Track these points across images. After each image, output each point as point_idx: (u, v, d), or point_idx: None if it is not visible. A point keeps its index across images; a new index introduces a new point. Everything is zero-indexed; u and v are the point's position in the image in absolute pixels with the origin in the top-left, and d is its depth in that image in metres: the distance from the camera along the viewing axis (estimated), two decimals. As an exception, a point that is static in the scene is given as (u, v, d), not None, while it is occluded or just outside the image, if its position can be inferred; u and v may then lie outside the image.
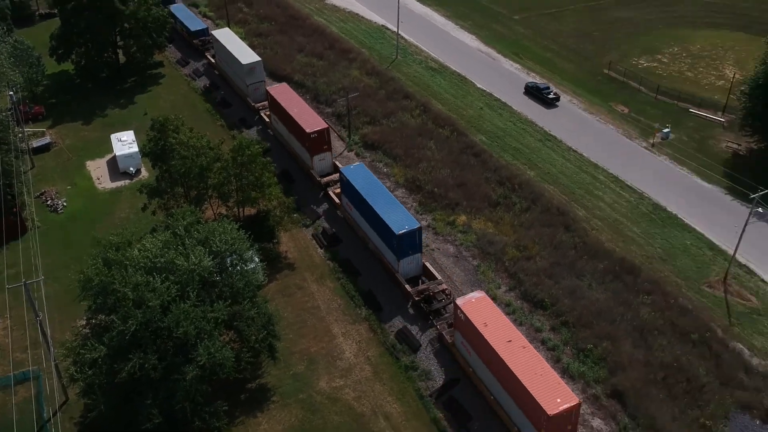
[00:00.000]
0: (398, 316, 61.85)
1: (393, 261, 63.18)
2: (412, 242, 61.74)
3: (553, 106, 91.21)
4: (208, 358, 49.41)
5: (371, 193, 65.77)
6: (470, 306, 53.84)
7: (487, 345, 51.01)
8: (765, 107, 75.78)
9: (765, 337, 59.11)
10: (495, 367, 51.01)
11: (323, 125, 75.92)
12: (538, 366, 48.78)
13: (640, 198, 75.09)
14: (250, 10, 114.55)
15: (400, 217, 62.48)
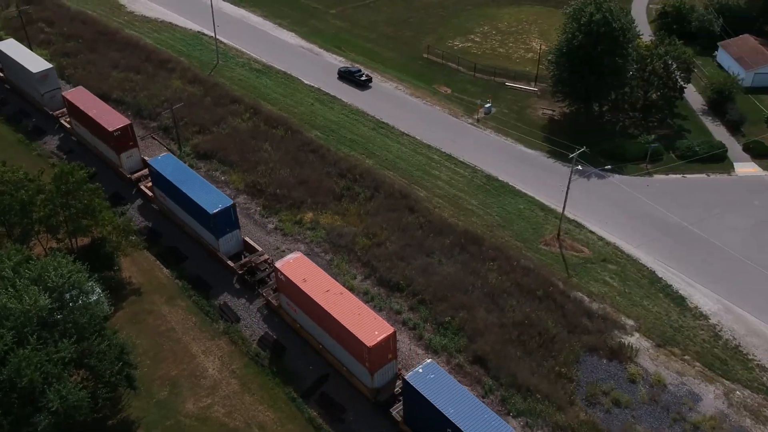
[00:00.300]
0: (224, 293, 63.51)
1: (212, 241, 64.85)
2: (227, 220, 64.02)
3: (366, 87, 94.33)
4: (61, 402, 45.98)
5: (181, 179, 66.73)
6: (289, 266, 57.11)
7: (307, 298, 54.72)
8: (571, 73, 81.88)
9: (600, 283, 64.24)
10: (317, 317, 54.90)
11: (126, 121, 75.89)
12: (354, 307, 53.35)
13: (474, 172, 78.75)
14: (53, 30, 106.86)
15: (213, 197, 64.39)
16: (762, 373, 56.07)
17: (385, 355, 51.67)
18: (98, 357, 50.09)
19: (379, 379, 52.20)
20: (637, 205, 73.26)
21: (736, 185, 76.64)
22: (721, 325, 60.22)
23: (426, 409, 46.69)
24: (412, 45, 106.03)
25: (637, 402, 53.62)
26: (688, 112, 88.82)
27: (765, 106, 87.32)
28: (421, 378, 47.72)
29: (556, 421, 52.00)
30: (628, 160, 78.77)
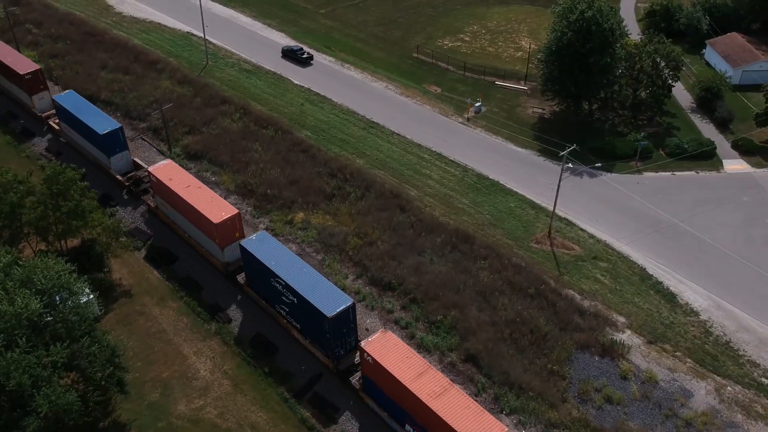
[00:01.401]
0: (216, 294, 64.09)
1: (105, 160, 75.21)
2: (117, 140, 74.56)
3: (308, 64, 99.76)
4: (50, 407, 45.65)
5: (79, 109, 76.95)
6: (160, 170, 67.80)
7: (172, 192, 65.45)
8: (560, 72, 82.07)
9: (591, 281, 64.41)
10: (180, 208, 65.87)
11: (36, 66, 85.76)
12: (208, 196, 64.64)
13: (465, 170, 78.81)
14: (41, 31, 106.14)
15: (104, 122, 75.06)
16: (753, 369, 56.36)
17: (233, 233, 62.19)
18: (88, 359, 49.78)
19: (228, 254, 62.80)
20: (627, 202, 73.55)
21: (725, 182, 77.03)
22: (712, 321, 60.49)
23: (259, 269, 57.60)
24: (402, 45, 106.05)
25: (629, 399, 53.76)
26: (676, 110, 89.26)
27: (753, 104, 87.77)
28: (254, 243, 58.60)
29: (548, 418, 52.09)
30: (618, 157, 79.08)
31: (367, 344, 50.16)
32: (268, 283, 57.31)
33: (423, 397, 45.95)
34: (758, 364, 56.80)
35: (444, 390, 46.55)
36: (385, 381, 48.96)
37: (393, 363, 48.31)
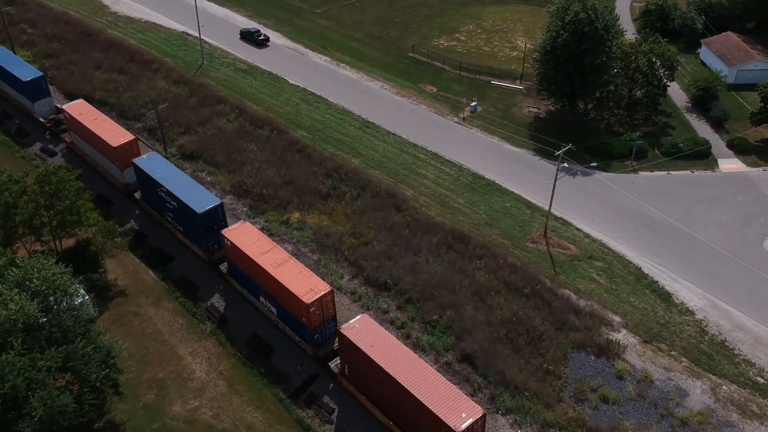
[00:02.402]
0: (211, 294, 62.52)
1: (30, 105, 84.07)
2: (39, 88, 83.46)
3: (264, 46, 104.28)
4: (45, 410, 45.52)
5: (4, 59, 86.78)
6: (72, 107, 77.59)
7: (80, 125, 75.26)
8: (555, 71, 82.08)
9: (586, 280, 64.44)
10: (88, 137, 75.25)
11: None
12: (106, 124, 74.79)
13: (460, 170, 78.78)
14: (36, 31, 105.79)
15: (28, 71, 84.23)
16: (748, 368, 56.44)
17: (130, 157, 70.95)
18: (83, 360, 49.62)
19: (128, 176, 72.38)
20: (623, 202, 73.61)
21: (721, 181, 77.14)
22: (707, 320, 60.57)
23: (149, 182, 67.48)
24: (398, 44, 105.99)
25: (625, 398, 53.81)
26: (672, 110, 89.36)
27: (748, 103, 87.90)
28: (145, 161, 69.00)
29: (544, 418, 52.10)
30: (614, 157, 79.15)
31: (227, 231, 60.70)
32: (156, 194, 67.32)
33: (267, 267, 56.38)
34: (753, 363, 56.88)
35: (283, 261, 57.18)
36: (241, 260, 59.40)
37: (246, 245, 58.76)
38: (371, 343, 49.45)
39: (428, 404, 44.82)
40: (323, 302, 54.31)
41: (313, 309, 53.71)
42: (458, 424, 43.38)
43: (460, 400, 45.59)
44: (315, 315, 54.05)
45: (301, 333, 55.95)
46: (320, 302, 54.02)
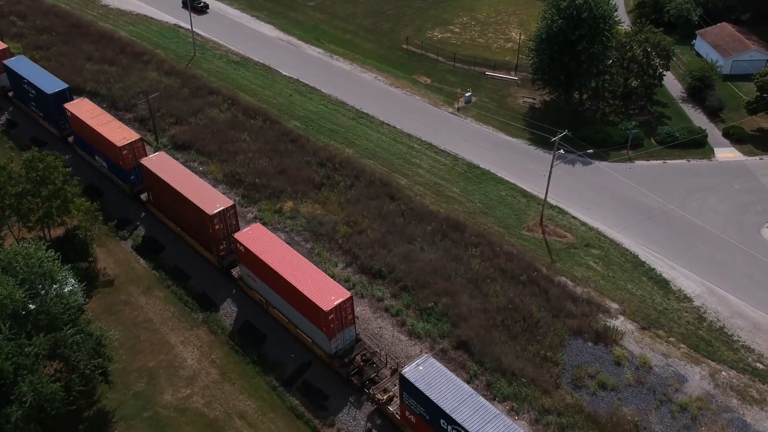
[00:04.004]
0: (204, 282, 62.18)
1: None
2: None
3: (203, 12, 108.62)
4: (34, 395, 44.52)
5: None
6: None
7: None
8: (551, 59, 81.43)
9: (583, 268, 63.72)
10: None
11: None
12: None
13: (455, 160, 78.04)
14: (26, 23, 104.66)
15: None
16: (747, 354, 55.78)
17: None
18: (73, 349, 48.66)
19: None
20: (619, 190, 73.00)
21: (717, 170, 76.61)
22: (705, 307, 59.91)
23: None
24: (391, 36, 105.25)
25: (623, 384, 53.06)
26: (667, 100, 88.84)
27: (744, 93, 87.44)
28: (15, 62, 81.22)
29: (542, 404, 51.32)
30: (609, 146, 78.48)
31: None
32: None
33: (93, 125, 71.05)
34: (752, 349, 56.22)
35: (122, 129, 71.06)
36: (83, 131, 72.47)
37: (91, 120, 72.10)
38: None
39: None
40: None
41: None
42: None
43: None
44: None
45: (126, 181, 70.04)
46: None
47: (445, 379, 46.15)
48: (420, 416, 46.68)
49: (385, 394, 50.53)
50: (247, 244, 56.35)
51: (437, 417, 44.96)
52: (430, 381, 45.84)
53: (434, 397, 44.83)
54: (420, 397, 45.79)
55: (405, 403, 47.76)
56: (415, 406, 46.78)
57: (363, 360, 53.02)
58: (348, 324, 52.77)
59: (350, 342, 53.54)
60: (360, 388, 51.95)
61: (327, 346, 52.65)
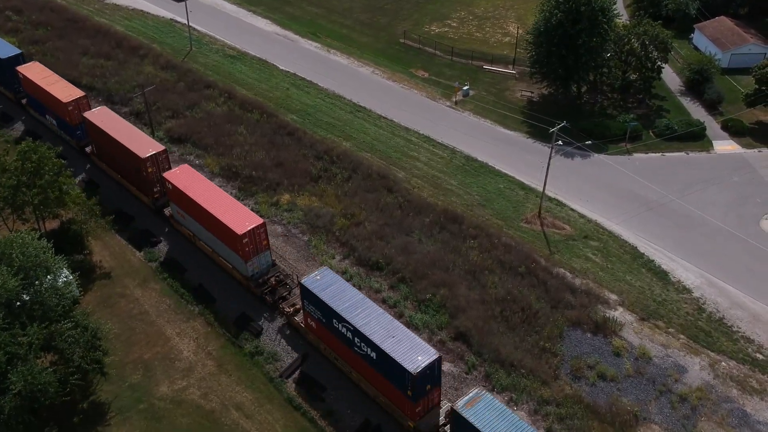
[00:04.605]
0: (200, 274, 62.44)
1: None
2: None
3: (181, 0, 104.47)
4: (25, 385, 44.07)
5: None
6: None
7: None
8: (549, 52, 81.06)
9: (582, 259, 63.39)
10: None
11: None
12: None
13: (453, 153, 77.67)
14: (21, 18, 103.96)
15: None
16: (747, 345, 55.48)
17: None
18: (68, 341, 48.22)
19: None
20: (617, 182, 72.70)
21: (716, 163, 76.32)
22: (705, 298, 59.61)
23: None
24: (388, 31, 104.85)
25: (623, 375, 52.72)
26: (665, 93, 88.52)
27: (742, 86, 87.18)
28: None
29: (541, 395, 50.96)
30: (608, 138, 78.12)
31: None
32: None
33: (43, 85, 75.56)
34: (752, 339, 55.93)
35: (69, 87, 75.57)
36: (35, 92, 76.81)
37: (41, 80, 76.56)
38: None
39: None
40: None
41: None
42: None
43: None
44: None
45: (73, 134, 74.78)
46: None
47: (338, 286, 51.22)
48: (318, 320, 51.95)
49: (292, 307, 55.77)
50: (174, 182, 61.65)
51: (330, 318, 50.08)
52: (326, 288, 50.85)
53: (327, 299, 49.84)
54: (317, 302, 50.90)
55: (306, 311, 53.05)
56: (314, 312, 52.07)
57: (276, 281, 58.24)
58: (262, 249, 57.79)
59: (266, 266, 58.53)
60: (272, 304, 57.15)
61: (244, 269, 57.49)
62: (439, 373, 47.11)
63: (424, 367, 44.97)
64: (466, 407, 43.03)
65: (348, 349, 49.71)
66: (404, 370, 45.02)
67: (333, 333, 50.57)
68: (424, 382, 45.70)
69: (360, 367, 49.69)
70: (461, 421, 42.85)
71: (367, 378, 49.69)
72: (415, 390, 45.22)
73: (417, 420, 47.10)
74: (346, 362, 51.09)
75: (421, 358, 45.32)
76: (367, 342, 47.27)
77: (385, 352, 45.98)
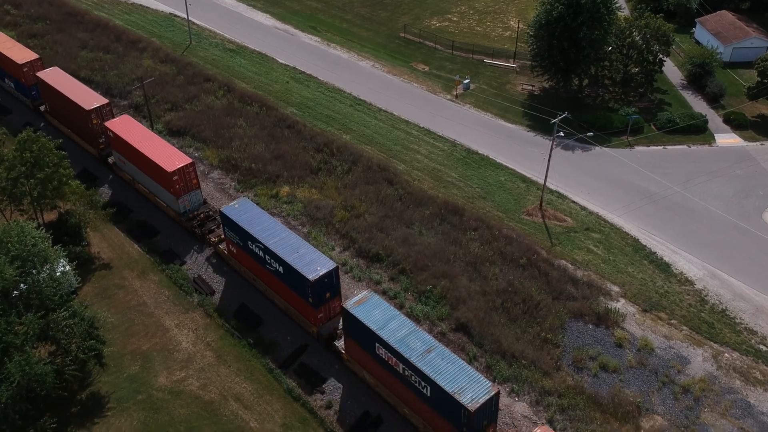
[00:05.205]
0: (198, 266, 62.44)
1: None
2: None
3: None
4: (22, 376, 43.65)
5: None
6: None
7: None
8: (550, 46, 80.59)
9: (583, 251, 62.95)
10: None
11: None
12: None
13: (453, 146, 77.23)
14: (20, 12, 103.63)
15: None
16: (750, 336, 55.04)
17: None
18: (65, 331, 47.81)
19: None
20: (619, 175, 72.27)
21: (718, 156, 75.86)
22: (707, 290, 59.18)
23: None
24: (389, 25, 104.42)
25: (625, 366, 52.30)
26: (667, 87, 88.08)
27: (744, 80, 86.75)
28: None
29: (542, 386, 50.54)
30: (609, 130, 77.66)
31: None
32: None
33: (2, 51, 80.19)
34: (755, 331, 55.48)
35: (24, 50, 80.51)
36: None
37: None
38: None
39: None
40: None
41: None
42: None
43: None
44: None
45: None
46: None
47: (254, 213, 56.67)
48: (237, 245, 57.22)
49: (217, 238, 61.09)
50: (114, 130, 67.04)
51: (246, 240, 55.45)
52: (242, 214, 56.13)
53: (243, 224, 55.12)
54: (235, 228, 56.13)
55: (227, 237, 58.26)
56: (233, 237, 57.31)
57: (204, 216, 63.64)
58: (193, 188, 63.34)
59: (197, 204, 64.29)
60: (201, 236, 62.61)
61: (176, 206, 63.09)
62: (337, 283, 52.38)
63: (322, 276, 50.45)
64: (354, 305, 48.11)
65: (261, 267, 55.37)
66: (305, 279, 50.27)
67: (249, 254, 56.21)
68: (323, 289, 51.07)
69: (272, 283, 55.41)
70: (349, 316, 47.99)
71: (278, 292, 55.30)
72: (315, 297, 50.68)
73: (319, 325, 52.46)
74: (261, 281, 56.80)
75: (320, 268, 50.89)
76: (276, 258, 52.69)
77: (290, 264, 51.37)
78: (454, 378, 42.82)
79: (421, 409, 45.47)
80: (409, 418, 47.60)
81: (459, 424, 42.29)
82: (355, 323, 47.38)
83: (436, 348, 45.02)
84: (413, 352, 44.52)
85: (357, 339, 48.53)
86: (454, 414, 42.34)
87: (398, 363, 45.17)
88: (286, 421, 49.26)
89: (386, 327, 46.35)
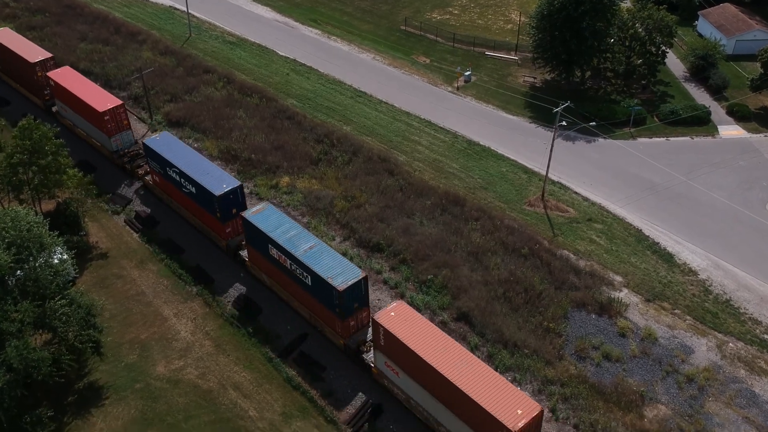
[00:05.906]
0: (198, 256, 62.41)
1: None
2: None
3: None
4: (21, 360, 43.15)
5: None
6: None
7: None
8: (552, 37, 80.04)
9: (586, 242, 62.40)
10: None
11: None
12: None
13: (455, 137, 76.69)
14: (19, 4, 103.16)
15: None
16: (755, 326, 54.48)
17: None
18: (62, 319, 47.29)
19: None
20: (621, 166, 71.72)
21: (721, 147, 75.31)
22: (711, 280, 58.62)
23: None
24: (389, 18, 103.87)
25: (628, 355, 51.76)
26: (669, 79, 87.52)
27: (747, 72, 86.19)
28: None
29: (545, 375, 50.01)
30: (611, 121, 77.10)
31: None
32: None
33: None
34: (760, 321, 54.92)
35: None
36: None
37: None
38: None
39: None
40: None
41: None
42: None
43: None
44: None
45: None
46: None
47: (174, 144, 62.38)
48: (159, 174, 62.50)
49: (144, 171, 66.88)
50: (56, 79, 72.69)
51: (165, 168, 60.97)
52: (162, 145, 61.80)
53: (162, 152, 60.66)
54: (157, 158, 61.54)
55: (151, 168, 63.89)
56: (156, 167, 62.64)
57: (134, 153, 69.61)
58: (124, 128, 69.28)
59: (129, 144, 70.17)
60: (131, 171, 69.02)
61: (109, 145, 68.89)
62: (243, 200, 57.91)
63: (227, 192, 56.55)
64: (252, 214, 54.37)
65: (179, 191, 60.99)
66: (212, 195, 56.50)
67: (168, 180, 61.56)
68: (228, 205, 56.85)
69: (187, 205, 60.88)
70: (247, 223, 54.27)
71: (192, 212, 60.86)
72: (222, 212, 56.68)
73: (228, 239, 58.43)
74: (179, 205, 62.27)
75: (225, 186, 57.13)
76: (188, 179, 58.33)
77: (199, 183, 57.23)
78: (330, 267, 49.42)
79: (304, 297, 52.01)
80: (298, 309, 54.10)
81: (332, 305, 48.91)
82: (253, 229, 53.92)
83: (318, 245, 51.41)
84: (297, 249, 50.80)
85: (254, 245, 55.12)
86: (328, 297, 48.91)
87: (286, 260, 51.43)
88: (286, 409, 48.77)
89: (277, 230, 52.63)
